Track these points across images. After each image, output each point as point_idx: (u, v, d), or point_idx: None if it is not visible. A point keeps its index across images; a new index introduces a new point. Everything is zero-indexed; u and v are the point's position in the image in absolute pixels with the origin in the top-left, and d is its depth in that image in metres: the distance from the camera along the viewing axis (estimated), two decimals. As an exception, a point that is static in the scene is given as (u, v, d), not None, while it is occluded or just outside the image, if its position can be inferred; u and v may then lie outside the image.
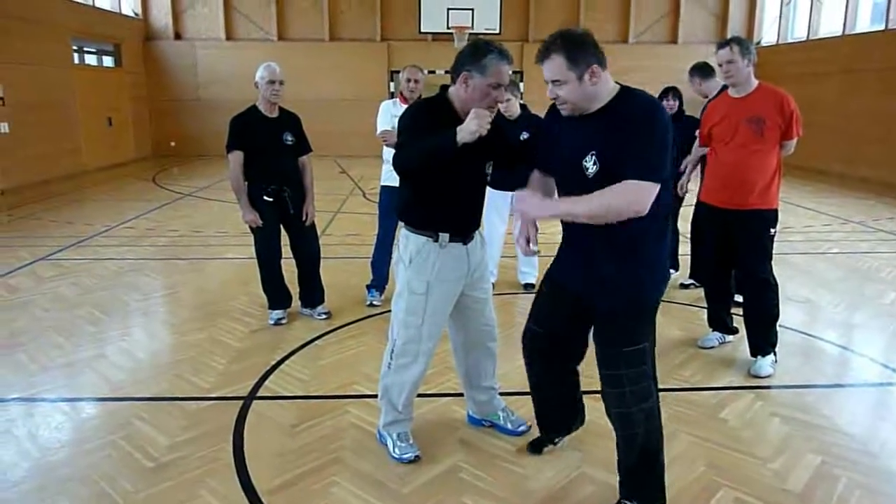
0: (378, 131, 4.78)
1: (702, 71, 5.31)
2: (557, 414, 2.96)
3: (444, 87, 2.79)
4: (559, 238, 2.59)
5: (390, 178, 4.80)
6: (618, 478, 2.59)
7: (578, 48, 2.26)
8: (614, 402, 2.48)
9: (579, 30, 2.33)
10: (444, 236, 2.75)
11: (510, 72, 2.65)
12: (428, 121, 2.68)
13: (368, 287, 5.14)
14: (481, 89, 2.61)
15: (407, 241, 2.82)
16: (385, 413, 3.02)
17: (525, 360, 2.84)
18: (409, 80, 4.77)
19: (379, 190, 5.10)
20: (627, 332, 2.44)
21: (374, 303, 5.08)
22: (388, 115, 4.75)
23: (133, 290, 5.59)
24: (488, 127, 2.47)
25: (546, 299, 2.72)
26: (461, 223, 2.81)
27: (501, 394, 3.27)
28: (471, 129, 2.43)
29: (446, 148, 2.48)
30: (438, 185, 2.71)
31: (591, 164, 2.29)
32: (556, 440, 3.04)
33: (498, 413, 3.22)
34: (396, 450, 2.96)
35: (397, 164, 2.65)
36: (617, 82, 2.37)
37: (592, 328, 2.56)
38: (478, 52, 2.61)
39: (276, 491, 2.73)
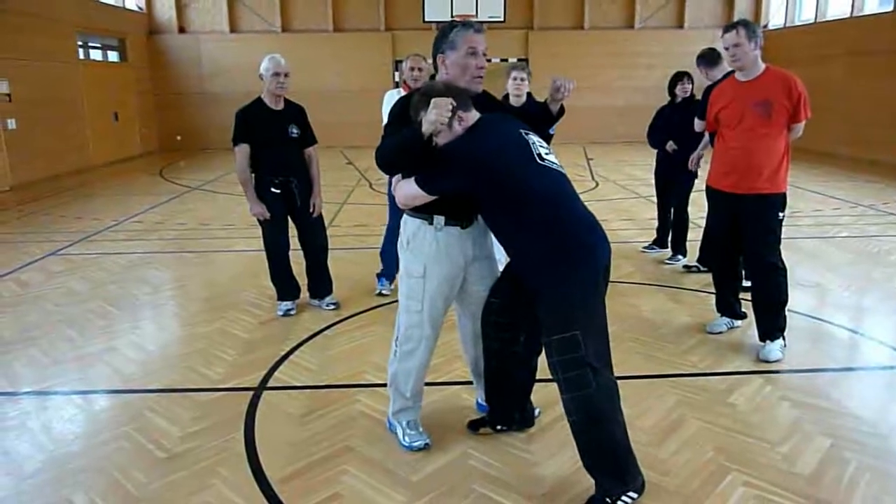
0: (384, 121, 4.76)
1: (707, 59, 5.24)
2: (503, 398, 3.00)
3: (433, 76, 2.80)
4: None
5: None
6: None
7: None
8: (560, 388, 2.50)
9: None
10: (440, 219, 2.75)
11: (482, 39, 2.68)
12: (408, 112, 2.66)
13: (378, 276, 5.15)
14: (459, 64, 2.66)
15: (405, 225, 2.85)
16: (393, 401, 3.04)
17: (482, 332, 2.90)
18: (412, 69, 4.74)
19: (388, 180, 5.08)
20: (556, 318, 2.47)
21: (384, 292, 5.08)
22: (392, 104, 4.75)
23: (142, 283, 5.63)
24: (448, 114, 2.43)
25: (501, 274, 2.86)
26: (457, 206, 2.77)
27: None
28: (430, 119, 2.41)
29: (414, 141, 2.48)
30: None
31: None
32: (499, 427, 3.07)
33: None
34: (406, 438, 2.98)
35: (377, 162, 2.68)
36: None
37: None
38: (444, 32, 2.70)
39: (288, 479, 2.76)
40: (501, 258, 5.42)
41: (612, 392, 2.51)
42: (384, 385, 3.22)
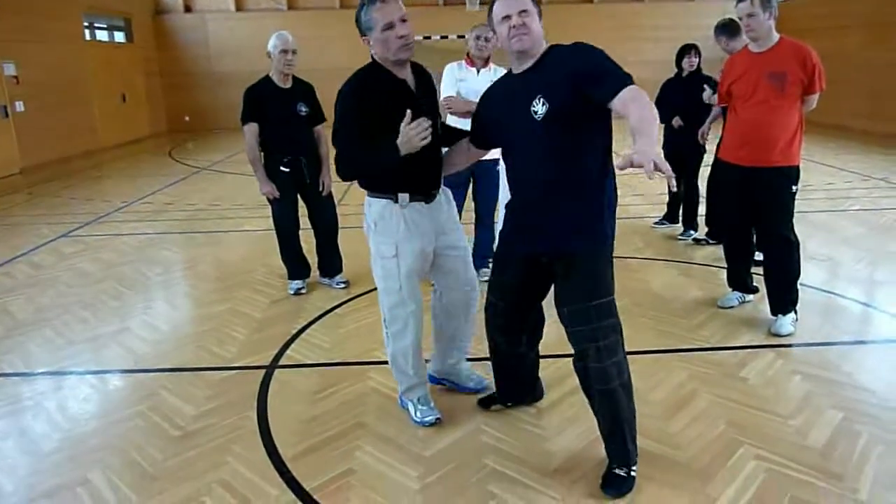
0: (441, 97, 4.46)
1: (727, 29, 4.96)
2: (513, 384, 3.03)
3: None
4: None
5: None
6: (603, 444, 2.57)
7: None
8: (595, 357, 2.42)
9: None
10: (404, 196, 2.75)
11: (394, 6, 2.60)
12: (362, 102, 2.62)
13: None
14: (380, 40, 2.61)
15: (370, 207, 2.84)
16: (400, 381, 3.05)
17: (487, 330, 2.88)
18: (478, 38, 4.48)
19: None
20: (596, 281, 2.44)
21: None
22: (453, 79, 4.52)
23: (154, 264, 5.66)
24: (426, 137, 2.55)
25: (502, 268, 2.74)
26: (419, 182, 2.79)
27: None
28: (412, 145, 2.55)
29: (392, 160, 2.58)
30: None
31: (540, 107, 2.36)
32: (509, 403, 3.09)
33: (461, 373, 3.26)
34: (418, 413, 3.00)
35: (340, 170, 2.67)
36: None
37: (555, 292, 2.56)
38: (357, 14, 2.66)
39: (301, 456, 2.78)
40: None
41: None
42: (395, 362, 3.22)
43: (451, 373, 3.25)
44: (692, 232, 5.86)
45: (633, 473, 2.51)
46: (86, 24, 13.65)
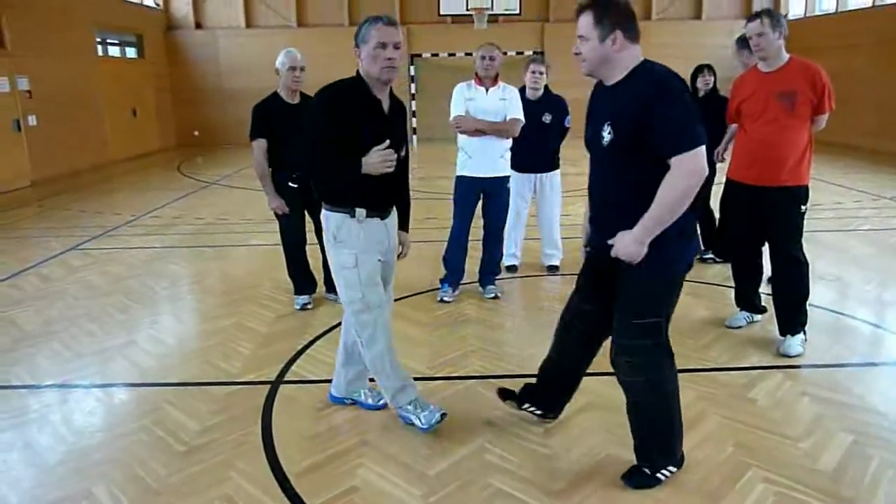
0: (451, 117, 4.59)
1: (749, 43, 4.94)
2: (554, 390, 3.01)
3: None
4: None
5: (467, 166, 4.64)
6: (632, 442, 2.67)
7: (608, 11, 2.38)
8: (625, 370, 2.57)
9: None
10: (361, 212, 2.87)
11: (393, 31, 2.78)
12: (336, 111, 2.78)
13: (441, 281, 4.92)
14: (370, 56, 2.76)
15: (328, 221, 2.94)
16: (385, 388, 3.05)
17: (558, 328, 2.90)
18: (483, 58, 4.54)
19: (454, 181, 4.77)
20: (643, 301, 2.48)
21: (445, 299, 4.80)
22: (462, 98, 4.57)
23: (161, 277, 5.68)
24: (390, 167, 2.77)
25: (584, 264, 2.80)
26: (376, 200, 2.93)
27: (521, 376, 3.27)
28: (374, 169, 2.76)
29: (351, 175, 2.78)
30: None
31: (606, 133, 2.41)
32: (525, 406, 3.08)
33: (361, 391, 3.30)
34: (422, 419, 2.99)
35: (307, 171, 2.84)
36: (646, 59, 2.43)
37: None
38: (359, 26, 2.83)
39: (305, 473, 2.77)
40: (517, 252, 5.44)
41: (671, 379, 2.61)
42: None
43: (351, 391, 3.30)
44: (710, 252, 5.77)
45: (658, 475, 2.59)
46: (98, 39, 13.81)
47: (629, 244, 2.36)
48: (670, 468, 2.64)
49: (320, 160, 2.80)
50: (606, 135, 2.40)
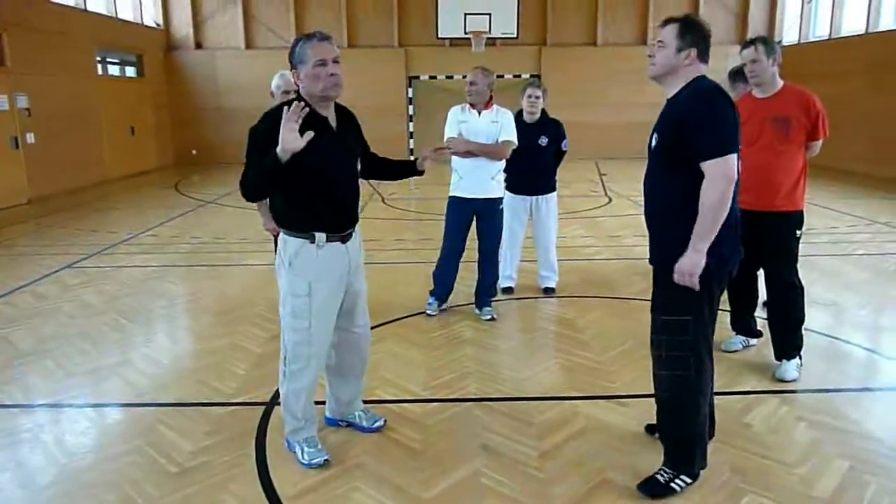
0: (444, 139, 4.66)
1: (742, 75, 4.92)
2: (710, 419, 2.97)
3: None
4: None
5: (459, 186, 4.72)
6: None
7: (693, 28, 2.58)
8: (654, 363, 2.74)
9: (705, 23, 2.64)
10: (321, 236, 2.78)
11: (328, 47, 2.74)
12: (272, 134, 2.59)
13: (430, 293, 5.01)
14: (311, 75, 2.71)
15: (284, 245, 2.84)
16: (286, 423, 3.02)
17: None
18: (470, 84, 4.62)
19: (448, 201, 4.86)
20: (673, 298, 2.62)
21: (429, 312, 4.91)
22: (456, 121, 4.66)
23: (156, 296, 5.66)
24: (294, 134, 2.52)
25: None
26: (336, 222, 2.84)
27: (517, 399, 3.26)
28: (284, 147, 2.53)
29: (275, 167, 2.56)
30: (309, 186, 2.75)
31: (653, 140, 2.67)
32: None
33: (356, 413, 3.27)
34: (305, 456, 2.95)
35: (242, 192, 2.74)
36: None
37: None
38: (292, 47, 2.78)
39: (299, 496, 2.74)
40: (514, 274, 5.45)
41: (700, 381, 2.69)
42: (396, 401, 3.20)
43: (346, 413, 3.29)
44: None
45: (673, 485, 2.64)
46: (98, 58, 13.89)
47: (685, 261, 2.53)
48: (685, 478, 2.69)
49: (246, 182, 2.70)
50: (653, 140, 2.65)
